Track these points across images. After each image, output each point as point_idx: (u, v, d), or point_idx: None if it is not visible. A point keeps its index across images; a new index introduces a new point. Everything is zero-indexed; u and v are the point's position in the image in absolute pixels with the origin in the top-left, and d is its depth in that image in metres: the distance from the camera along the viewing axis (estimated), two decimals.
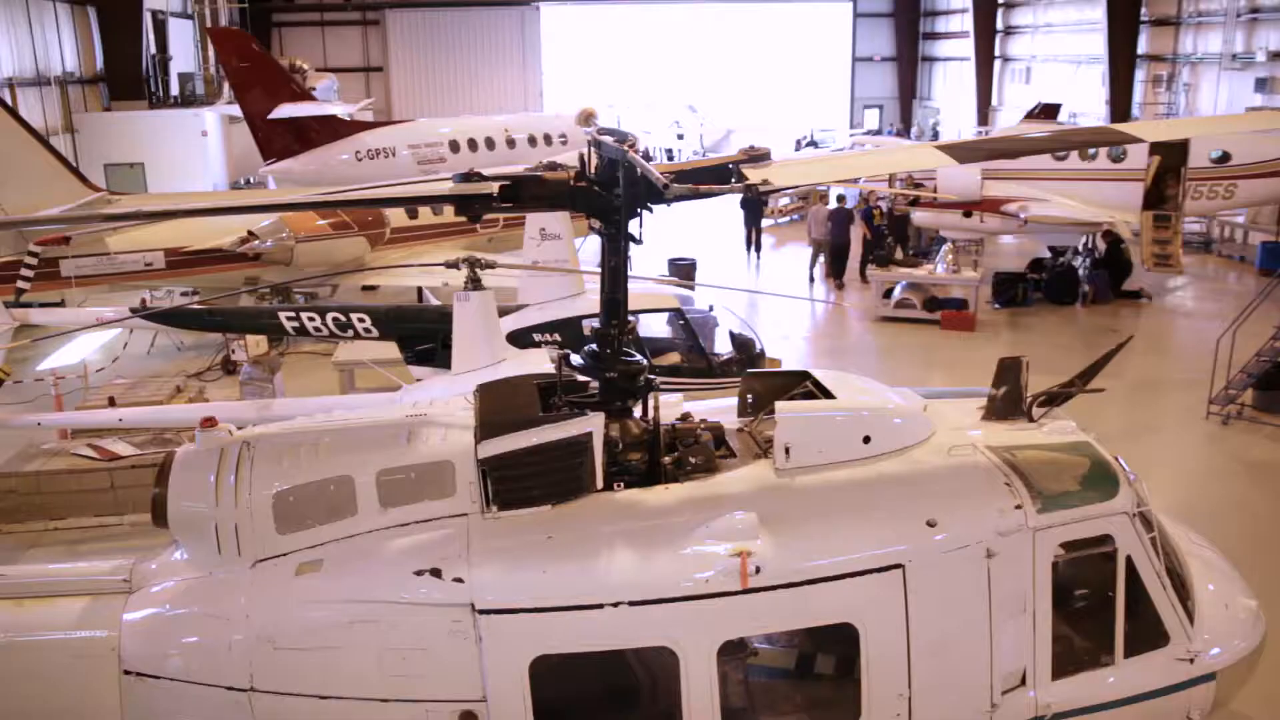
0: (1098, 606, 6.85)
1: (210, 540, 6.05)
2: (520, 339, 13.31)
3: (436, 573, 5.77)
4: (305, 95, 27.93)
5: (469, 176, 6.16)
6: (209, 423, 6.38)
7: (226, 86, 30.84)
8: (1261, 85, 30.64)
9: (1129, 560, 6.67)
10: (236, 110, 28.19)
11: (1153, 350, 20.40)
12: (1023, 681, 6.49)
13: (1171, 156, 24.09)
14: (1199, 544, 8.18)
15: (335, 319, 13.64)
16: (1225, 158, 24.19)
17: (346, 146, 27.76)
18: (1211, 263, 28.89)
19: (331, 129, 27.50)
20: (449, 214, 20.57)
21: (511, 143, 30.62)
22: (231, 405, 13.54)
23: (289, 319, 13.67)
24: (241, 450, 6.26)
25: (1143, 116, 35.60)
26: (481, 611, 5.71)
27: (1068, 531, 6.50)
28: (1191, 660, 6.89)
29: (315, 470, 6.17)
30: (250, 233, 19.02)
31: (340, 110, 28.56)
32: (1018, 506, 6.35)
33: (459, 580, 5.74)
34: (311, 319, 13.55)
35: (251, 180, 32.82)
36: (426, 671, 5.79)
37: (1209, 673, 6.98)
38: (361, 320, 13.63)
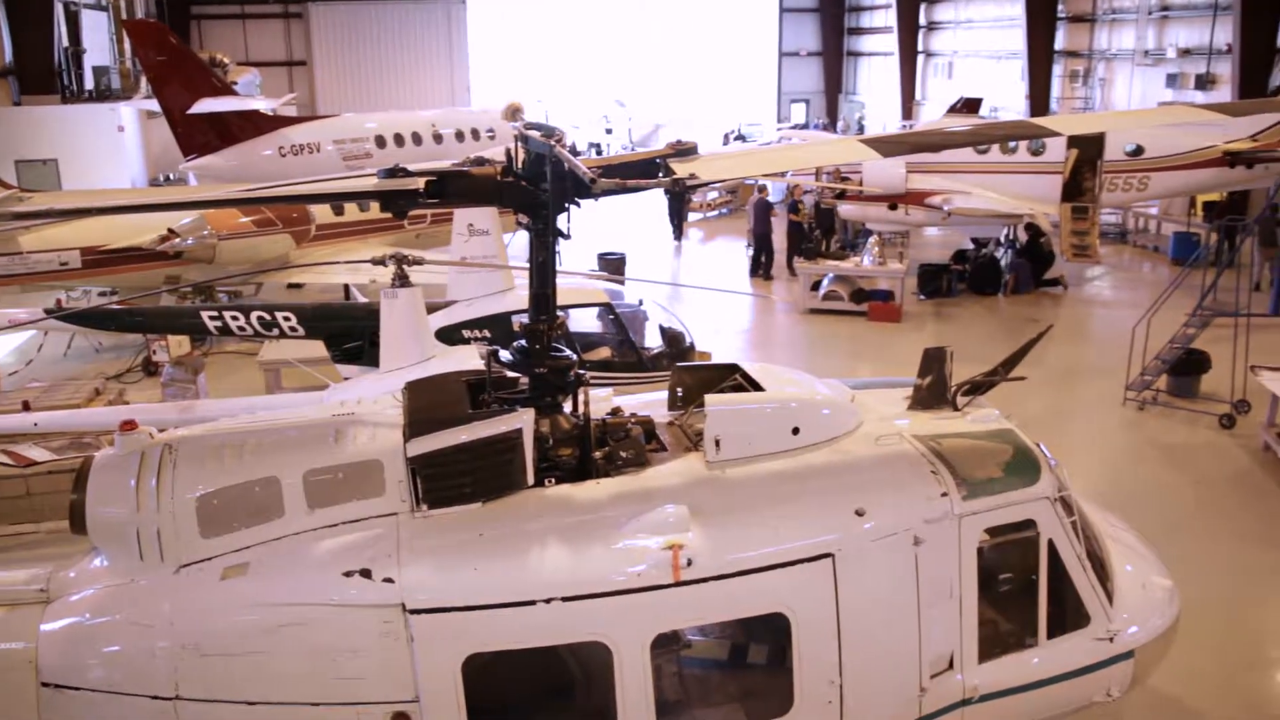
0: (1021, 590, 7.00)
1: (132, 546, 5.90)
2: (449, 336, 13.21)
3: (366, 573, 5.70)
4: (226, 90, 27.36)
5: (394, 172, 6.10)
6: (129, 426, 6.23)
7: (144, 80, 30.08)
8: (1172, 81, 31.57)
9: (1051, 544, 6.84)
10: (155, 105, 27.51)
11: (1072, 339, 20.90)
12: (950, 665, 6.62)
13: (1088, 150, 24.67)
14: (1117, 526, 8.41)
15: (260, 318, 13.40)
16: (1139, 151, 24.85)
17: (270, 142, 27.25)
18: (1127, 253, 29.67)
19: (254, 124, 26.96)
20: (376, 210, 20.32)
21: (439, 138, 30.34)
22: (153, 407, 13.21)
23: (212, 318, 13.40)
24: (163, 453, 6.12)
25: (1060, 111, 36.42)
26: (413, 611, 5.66)
27: (992, 517, 6.65)
28: (1111, 639, 7.09)
29: (240, 472, 6.07)
30: (171, 230, 18.59)
31: (263, 105, 28.01)
32: (944, 494, 6.47)
33: (389, 580, 5.68)
34: (235, 318, 13.29)
35: (172, 177, 32.09)
36: (357, 673, 5.72)
37: (1128, 651, 7.19)
38: (287, 319, 13.41)
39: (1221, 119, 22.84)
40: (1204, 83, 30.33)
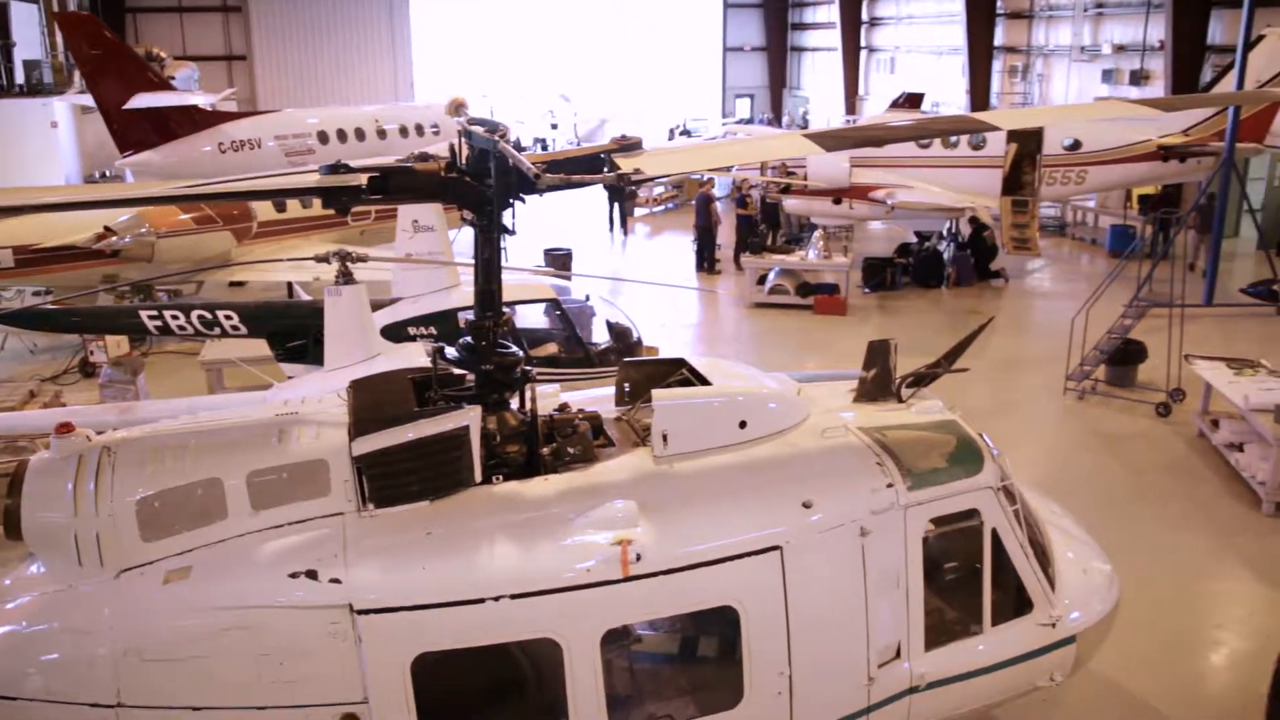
0: (966, 578, 7.11)
1: (69, 551, 5.78)
2: (395, 333, 13.11)
3: (312, 574, 5.64)
4: (163, 84, 26.83)
5: (336, 168, 6.03)
6: (65, 428, 6.10)
7: (77, 75, 29.41)
8: (1108, 76, 32.19)
9: (994, 533, 6.96)
10: (89, 100, 26.92)
11: (1013, 330, 21.23)
12: (898, 654, 6.71)
13: (1027, 144, 25.07)
14: (1058, 514, 8.57)
15: (201, 317, 13.20)
16: (1076, 145, 25.30)
17: (209, 138, 26.80)
18: (1066, 245, 30.18)
19: (192, 120, 26.50)
20: (319, 207, 20.08)
21: (382, 133, 30.05)
22: (90, 409, 12.93)
23: (151, 318, 13.17)
24: (101, 456, 6.01)
25: (1000, 105, 36.96)
26: (360, 612, 5.61)
27: (937, 507, 6.74)
28: (1053, 625, 7.23)
29: (181, 474, 5.97)
30: (107, 228, 18.20)
31: (201, 100, 27.54)
32: (889, 485, 6.54)
33: (336, 581, 5.63)
34: (175, 317, 13.08)
35: (108, 174, 31.42)
36: (305, 675, 5.66)
37: (1069, 636, 7.34)
38: (229, 317, 13.22)
39: (1155, 114, 23.30)
40: (1138, 78, 30.96)
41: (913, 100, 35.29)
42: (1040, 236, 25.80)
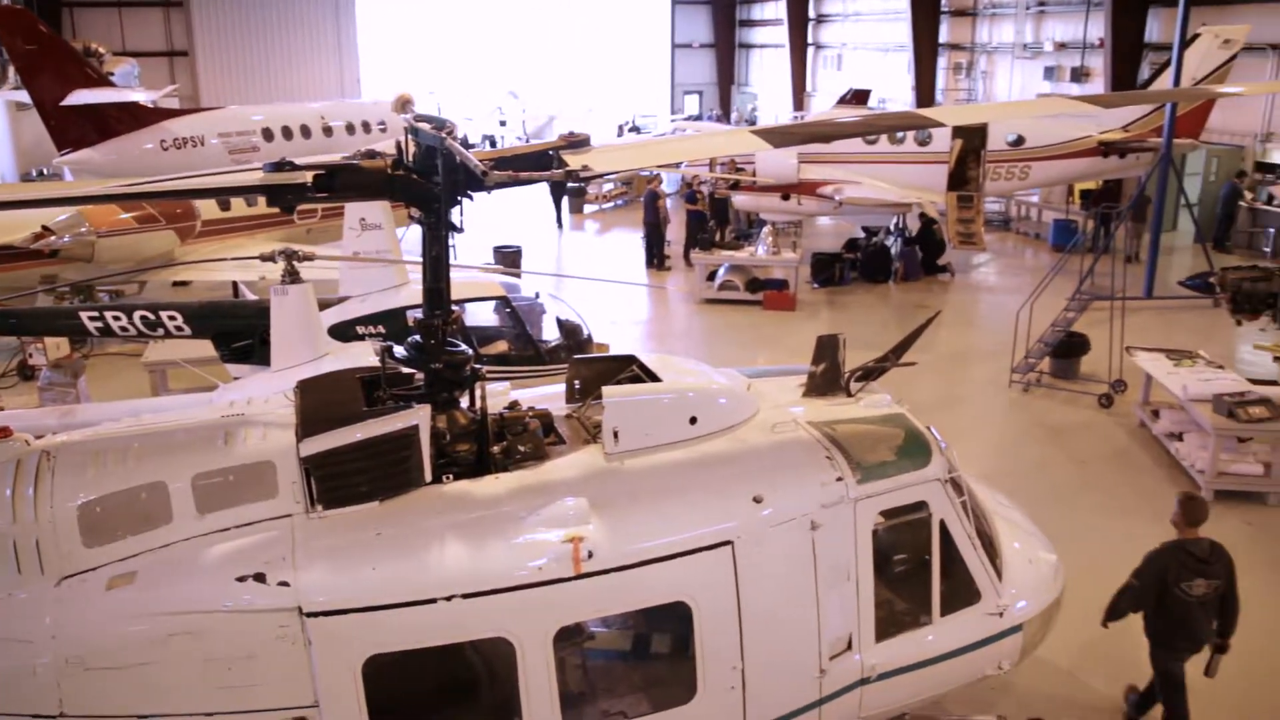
0: (915, 569, 7.20)
1: (8, 559, 5.65)
2: (343, 333, 12.98)
3: (260, 577, 5.57)
4: (102, 80, 26.30)
5: (280, 166, 5.95)
6: (3, 433, 5.99)
7: (12, 71, 28.73)
8: (1049, 73, 32.72)
9: (942, 524, 7.05)
10: (25, 96, 26.31)
11: (960, 324, 21.50)
12: (849, 646, 6.77)
13: (972, 140, 25.40)
14: (1005, 505, 8.70)
15: (143, 317, 12.97)
16: (1020, 141, 25.67)
17: (151, 135, 26.31)
18: (1010, 240, 30.62)
19: (133, 117, 25.99)
20: (264, 205, 19.80)
21: (328, 130, 29.71)
22: (29, 413, 12.64)
23: (92, 319, 12.91)
24: (40, 460, 5.89)
25: (945, 102, 37.40)
26: (309, 614, 5.55)
27: (886, 500, 6.81)
28: (1001, 614, 7.35)
29: (124, 478, 5.87)
30: (45, 228, 17.80)
31: (142, 97, 27.02)
32: (839, 479, 6.60)
33: (284, 584, 5.56)
34: (117, 318, 12.83)
35: (45, 172, 30.76)
36: (254, 680, 5.59)
37: (1017, 625, 7.46)
38: (172, 318, 13.00)
39: (1095, 110, 23.71)
40: (1079, 75, 31.51)
41: (859, 97, 35.57)
42: (985, 231, 26.18)
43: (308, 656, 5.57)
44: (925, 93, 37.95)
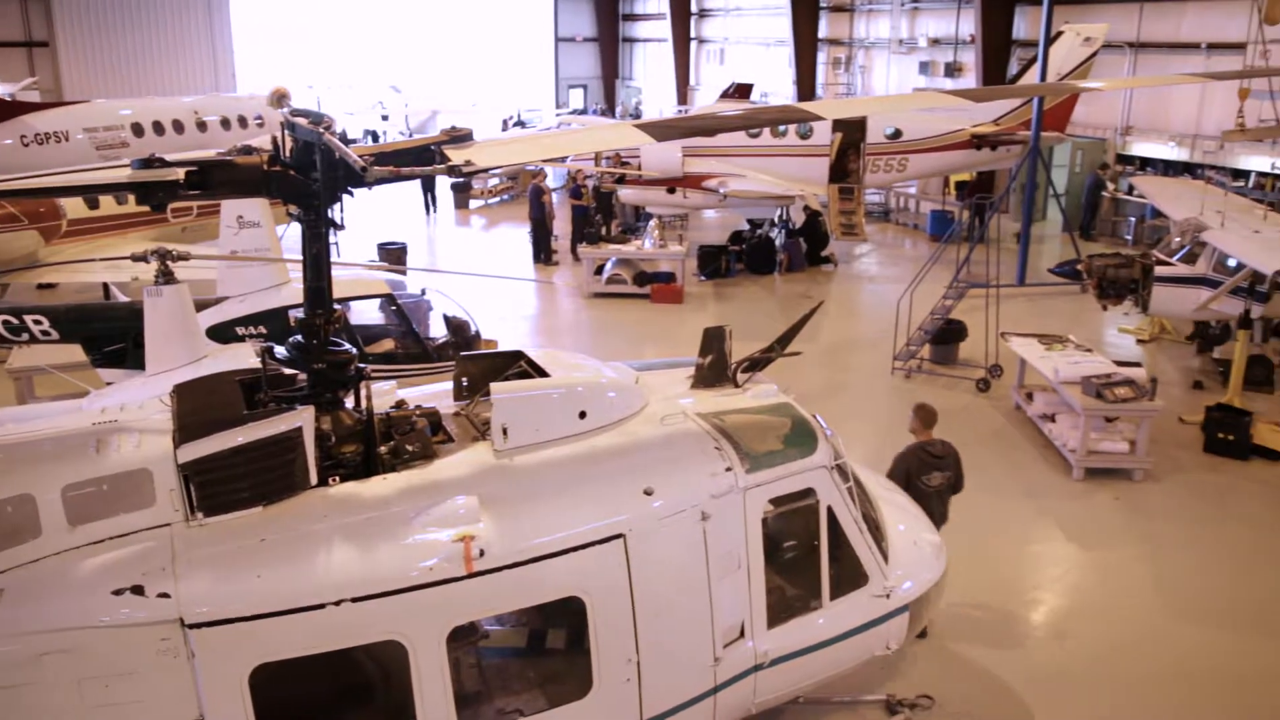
0: (805, 555, 7.35)
1: None
2: (222, 334, 12.60)
3: (138, 590, 5.38)
4: None
5: (150, 162, 5.75)
6: None
7: None
8: (924, 68, 33.67)
9: (830, 510, 7.21)
10: None
11: (843, 314, 21.96)
12: (742, 633, 6.88)
13: (852, 133, 25.97)
14: (889, 489, 8.96)
15: (6, 322, 12.41)
16: (897, 134, 26.33)
17: (9, 130, 25.13)
18: (890, 230, 31.39)
19: None
20: (135, 203, 19.08)
21: (202, 125, 28.81)
22: None
23: None
24: None
25: (825, 95, 38.12)
26: (192, 626, 5.38)
27: (775, 488, 6.94)
28: (888, 596, 7.56)
29: None
30: None
31: None
32: (728, 469, 6.69)
33: (164, 595, 5.38)
34: None
35: None
36: (135, 697, 5.40)
37: (903, 605, 7.68)
38: (38, 322, 12.46)
39: (967, 104, 24.52)
40: (952, 70, 32.49)
41: (742, 90, 36.01)
42: (866, 222, 26.80)
43: (191, 669, 5.41)
44: (806, 87, 38.63)
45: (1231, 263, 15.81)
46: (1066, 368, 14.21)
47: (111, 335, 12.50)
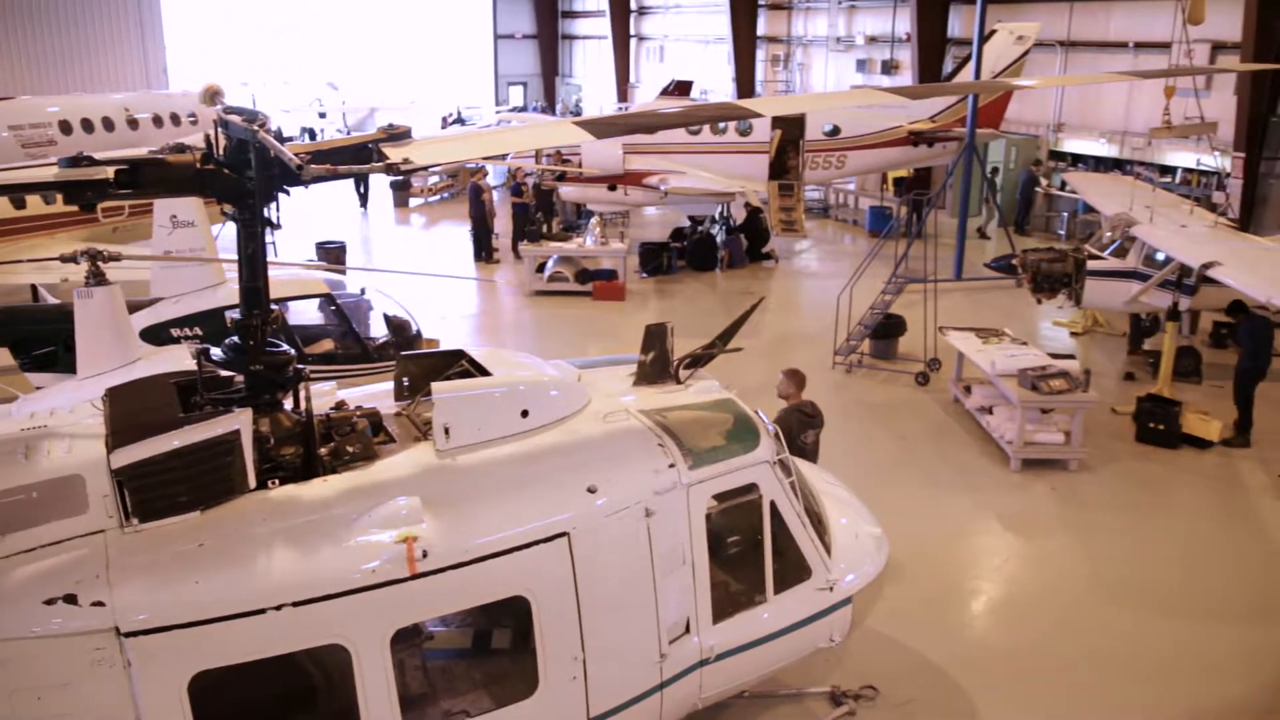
0: (748, 550, 7.40)
1: None
2: (156, 336, 12.36)
3: (71, 599, 5.26)
4: None
5: (78, 160, 5.61)
6: None
7: None
8: (862, 66, 34.00)
9: (773, 505, 7.27)
10: None
11: (784, 309, 22.13)
12: (687, 629, 6.91)
13: (791, 130, 26.16)
14: (831, 483, 9.03)
15: None
16: (836, 131, 26.58)
17: None
18: (830, 226, 31.68)
19: None
20: (64, 203, 18.64)
21: (134, 123, 28.21)
22: None
23: None
24: None
25: (764, 93, 38.36)
26: (128, 634, 5.28)
27: (718, 484, 6.98)
28: (831, 589, 7.64)
29: None
30: None
31: None
32: (671, 465, 6.71)
33: (99, 604, 5.27)
34: None
35: None
36: (68, 710, 5.28)
37: (846, 598, 7.76)
38: None
39: (904, 101, 24.85)
40: (889, 68, 32.86)
41: (682, 88, 36.08)
42: (806, 218, 27.01)
43: (127, 679, 5.30)
44: (745, 84, 38.83)
45: (1160, 256, 16.19)
46: (1003, 361, 14.46)
47: (41, 338, 12.22)
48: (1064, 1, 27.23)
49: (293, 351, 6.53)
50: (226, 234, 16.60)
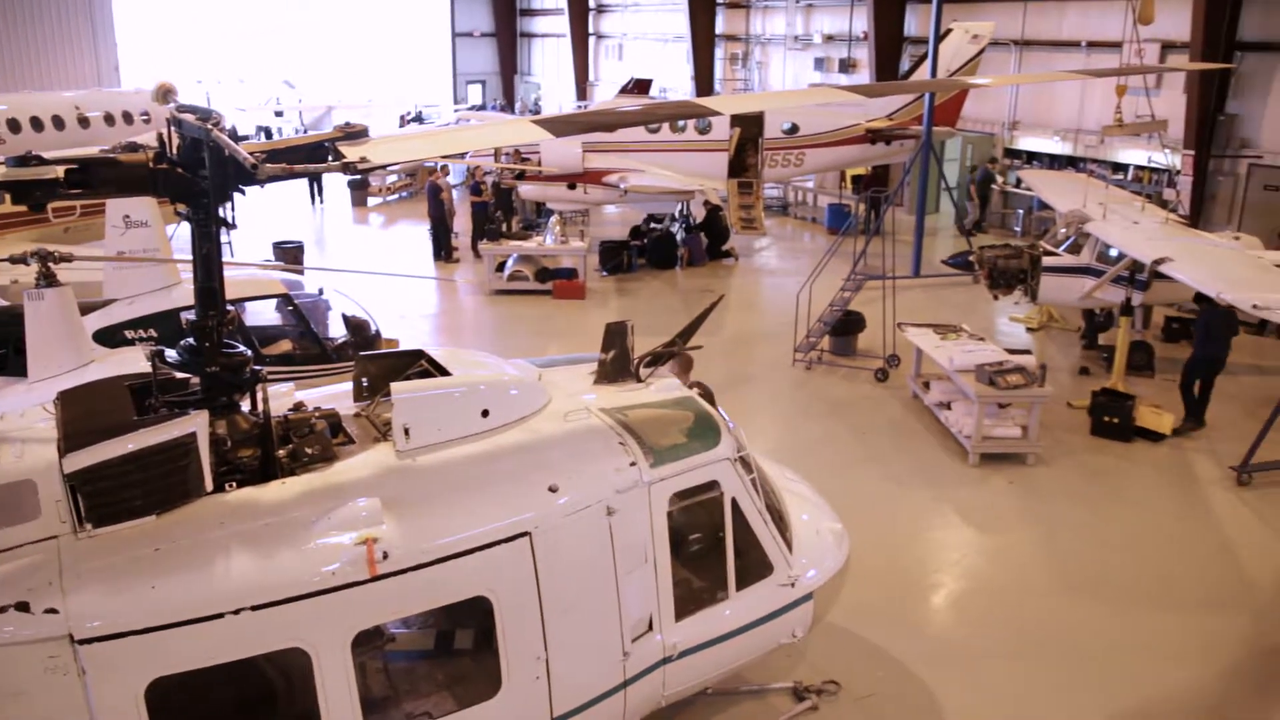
0: (710, 547, 7.42)
1: None
2: (110, 337, 12.18)
3: (23, 606, 5.16)
4: None
5: (26, 160, 5.52)
6: None
7: None
8: (819, 64, 34.20)
9: (734, 502, 7.30)
10: None
11: (744, 307, 22.19)
12: (650, 627, 6.92)
13: (750, 128, 26.27)
14: (792, 479, 9.08)
15: None
16: (794, 129, 26.72)
17: None
18: (789, 224, 31.83)
19: None
20: (11, 202, 18.30)
21: (85, 121, 27.77)
22: None
23: None
24: None
25: (723, 91, 38.47)
26: (82, 642, 5.19)
27: (679, 482, 7.00)
28: (793, 585, 7.69)
29: None
30: None
31: None
32: (632, 464, 6.72)
33: (52, 611, 5.18)
34: None
35: None
36: (23, 719, 5.18)
37: (808, 593, 7.81)
38: None
39: (861, 99, 25.03)
40: (846, 66, 33.06)
41: (641, 86, 36.11)
42: (765, 216, 27.13)
43: (82, 687, 5.22)
44: (704, 82, 38.92)
45: (1113, 253, 16.43)
46: (961, 356, 14.60)
47: None
48: (1018, 1, 27.55)
49: (250, 353, 6.46)
50: (182, 234, 16.41)
